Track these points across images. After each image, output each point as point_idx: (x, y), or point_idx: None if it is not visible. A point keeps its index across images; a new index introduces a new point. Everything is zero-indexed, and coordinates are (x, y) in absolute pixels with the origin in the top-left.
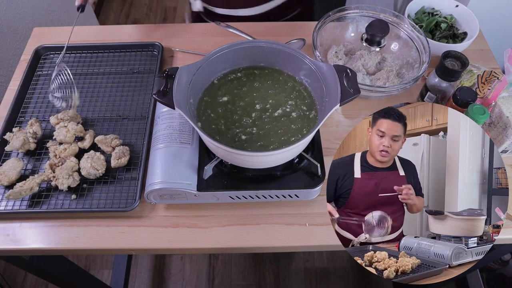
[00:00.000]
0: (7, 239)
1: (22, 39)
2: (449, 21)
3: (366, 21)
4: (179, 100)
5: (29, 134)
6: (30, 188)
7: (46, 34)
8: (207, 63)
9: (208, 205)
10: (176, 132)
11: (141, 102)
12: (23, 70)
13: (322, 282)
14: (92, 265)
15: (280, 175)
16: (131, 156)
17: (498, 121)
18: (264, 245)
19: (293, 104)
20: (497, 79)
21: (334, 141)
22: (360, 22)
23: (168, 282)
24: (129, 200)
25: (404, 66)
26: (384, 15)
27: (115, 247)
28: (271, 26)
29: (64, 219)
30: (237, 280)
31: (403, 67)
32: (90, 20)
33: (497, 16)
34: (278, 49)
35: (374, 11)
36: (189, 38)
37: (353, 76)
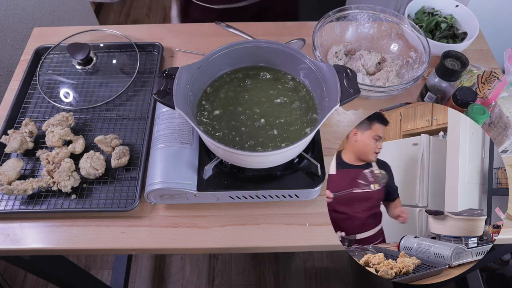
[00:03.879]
0: (7, 239)
1: (22, 39)
2: (449, 21)
3: (366, 21)
4: (179, 100)
5: (25, 134)
6: (24, 190)
7: (46, 34)
8: (207, 63)
9: (208, 205)
10: (176, 132)
11: (141, 102)
12: (23, 70)
13: (322, 282)
14: (92, 265)
15: (280, 175)
16: (131, 156)
17: (498, 121)
18: (264, 245)
19: (293, 104)
20: (497, 79)
21: (334, 141)
22: (360, 22)
23: (168, 282)
24: (129, 200)
25: (404, 66)
26: (384, 15)
27: (115, 247)
28: (271, 26)
29: (64, 219)
30: (237, 280)
31: (403, 67)
32: (90, 20)
33: (497, 16)
34: (278, 49)
35: (374, 11)
36: (189, 38)
37: (353, 76)
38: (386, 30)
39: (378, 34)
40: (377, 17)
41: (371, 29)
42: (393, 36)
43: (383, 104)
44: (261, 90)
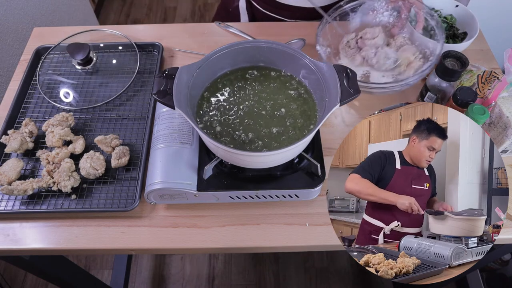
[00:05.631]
0: (7, 239)
1: (22, 39)
2: (449, 21)
3: (384, 9)
4: (179, 100)
5: (25, 134)
6: (24, 190)
7: (46, 34)
8: (207, 63)
9: (208, 205)
10: (176, 132)
11: (141, 102)
12: (23, 70)
13: (322, 282)
14: (92, 265)
15: (280, 175)
16: (131, 156)
17: (498, 121)
18: (264, 245)
19: (293, 104)
20: (497, 79)
21: (334, 141)
22: (378, 11)
23: (168, 282)
24: (129, 200)
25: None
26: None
27: (115, 247)
28: (271, 26)
29: (64, 219)
30: (237, 280)
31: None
32: (90, 20)
33: (497, 16)
34: (278, 49)
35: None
36: (189, 38)
37: (353, 76)
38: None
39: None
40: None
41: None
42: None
43: (383, 104)
44: (261, 90)
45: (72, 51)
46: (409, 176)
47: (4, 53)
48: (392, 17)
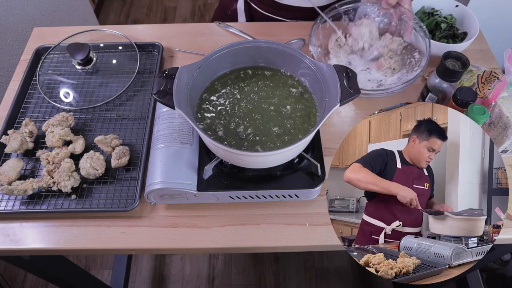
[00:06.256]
0: (7, 239)
1: (22, 39)
2: (449, 21)
3: (376, 15)
4: (179, 100)
5: (25, 134)
6: (24, 190)
7: (46, 34)
8: (207, 63)
9: (208, 205)
10: (176, 132)
11: (141, 102)
12: (23, 70)
13: (322, 282)
14: (92, 265)
15: (280, 175)
16: (131, 156)
17: (498, 121)
18: (264, 245)
19: (293, 104)
20: (497, 79)
21: (334, 141)
22: (370, 16)
23: (168, 282)
24: (129, 200)
25: (405, 66)
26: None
27: (115, 247)
28: (271, 26)
29: (64, 219)
30: (237, 280)
31: (404, 66)
32: (90, 20)
33: (497, 16)
34: (278, 49)
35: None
36: (189, 38)
37: (353, 76)
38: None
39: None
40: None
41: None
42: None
43: (383, 104)
44: (261, 90)
45: (72, 51)
46: (410, 176)
47: (4, 53)
48: (382, 24)
